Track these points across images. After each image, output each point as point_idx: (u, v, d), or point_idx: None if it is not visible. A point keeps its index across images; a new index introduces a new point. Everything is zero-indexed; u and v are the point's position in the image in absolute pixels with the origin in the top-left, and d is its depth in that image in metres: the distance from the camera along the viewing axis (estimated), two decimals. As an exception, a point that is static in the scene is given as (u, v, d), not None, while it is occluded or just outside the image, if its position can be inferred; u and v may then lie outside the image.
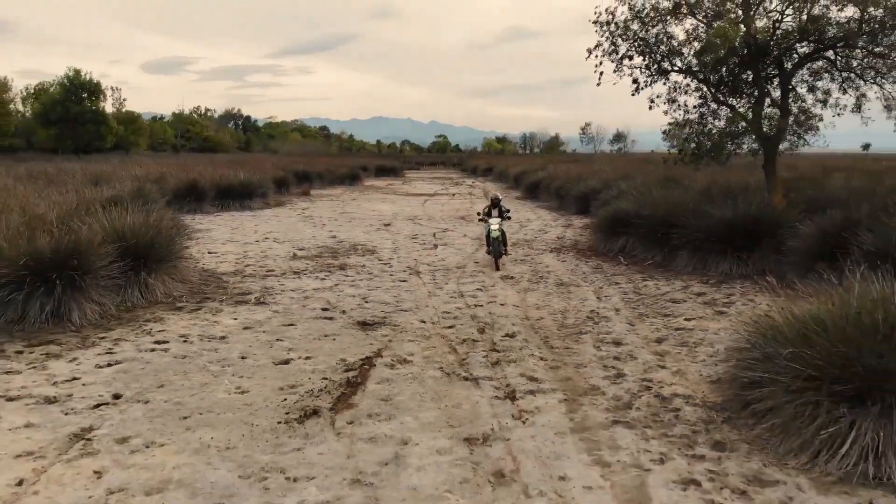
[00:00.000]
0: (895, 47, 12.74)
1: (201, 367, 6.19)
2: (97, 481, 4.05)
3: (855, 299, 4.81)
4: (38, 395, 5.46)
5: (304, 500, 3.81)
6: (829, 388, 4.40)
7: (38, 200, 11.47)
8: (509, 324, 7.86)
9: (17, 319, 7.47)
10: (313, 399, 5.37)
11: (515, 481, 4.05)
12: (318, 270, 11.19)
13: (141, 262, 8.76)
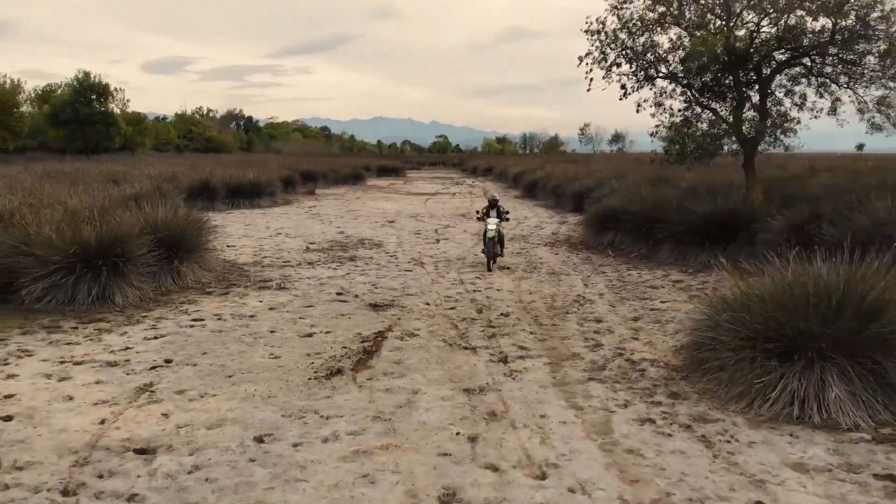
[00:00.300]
0: (865, 55, 13.71)
1: (237, 338, 7.15)
2: (165, 420, 5.01)
3: (790, 276, 5.77)
4: (100, 360, 6.41)
5: (337, 430, 4.77)
6: (763, 347, 5.37)
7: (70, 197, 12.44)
8: (504, 305, 8.82)
9: (67, 301, 8.44)
10: (336, 362, 6.33)
11: (505, 418, 5.01)
12: (330, 261, 12.15)
13: (173, 251, 9.72)
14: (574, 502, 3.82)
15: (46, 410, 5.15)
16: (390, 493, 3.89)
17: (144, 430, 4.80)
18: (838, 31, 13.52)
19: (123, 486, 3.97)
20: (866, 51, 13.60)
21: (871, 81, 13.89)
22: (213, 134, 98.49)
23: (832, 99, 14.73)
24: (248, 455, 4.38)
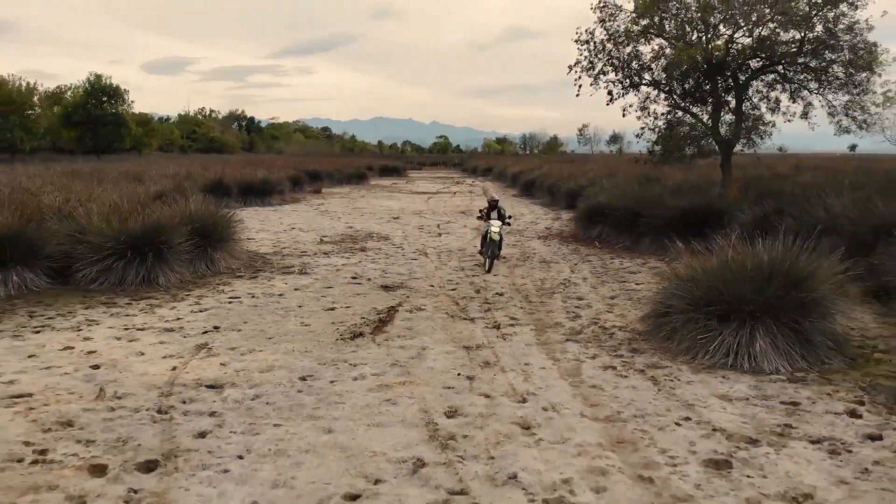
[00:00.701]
0: (832, 63, 14.97)
1: (271, 311, 8.41)
2: (225, 367, 6.26)
3: (731, 255, 7.02)
4: (158, 327, 7.66)
5: (363, 372, 6.02)
6: (706, 311, 6.63)
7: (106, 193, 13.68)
8: (499, 287, 10.07)
9: (118, 282, 9.69)
10: (357, 328, 7.59)
11: (496, 365, 6.26)
12: (343, 252, 13.41)
13: (206, 241, 10.97)
14: (546, 416, 5.06)
15: (125, 362, 6.40)
16: (407, 410, 5.14)
17: (210, 374, 6.05)
18: (807, 42, 14.80)
19: (204, 408, 5.22)
20: (833, 60, 14.86)
21: (838, 88, 15.14)
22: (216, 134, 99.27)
23: (804, 104, 16.01)
24: (296, 388, 5.63)
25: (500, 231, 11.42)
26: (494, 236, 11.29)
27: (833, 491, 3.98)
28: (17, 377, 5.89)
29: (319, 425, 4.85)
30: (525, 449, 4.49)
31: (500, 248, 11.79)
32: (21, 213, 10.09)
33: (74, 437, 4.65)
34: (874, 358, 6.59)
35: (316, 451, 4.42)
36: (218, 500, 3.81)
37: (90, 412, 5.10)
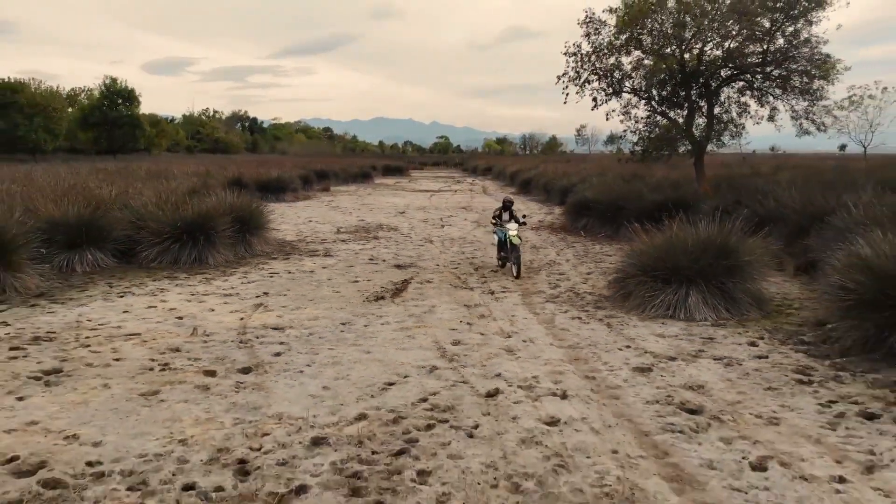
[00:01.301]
0: (794, 73, 16.84)
1: (307, 282, 10.27)
2: (280, 317, 8.11)
3: (675, 234, 8.88)
4: (218, 293, 9.52)
5: (388, 321, 7.88)
6: (652, 276, 8.48)
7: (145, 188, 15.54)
8: (495, 265, 11.93)
9: (174, 262, 11.55)
10: (379, 294, 9.46)
11: (489, 317, 8.13)
12: (358, 240, 15.27)
13: (244, 228, 12.83)
14: (524, 345, 6.93)
15: (202, 315, 8.25)
16: (423, 341, 7.01)
17: (270, 321, 7.91)
18: (770, 54, 16.68)
19: (273, 340, 7.08)
20: (793, 70, 16.73)
21: (798, 94, 17.02)
22: (220, 135, 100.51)
23: (770, 108, 17.87)
24: (339, 330, 7.50)
25: (517, 232, 10.92)
26: (515, 240, 10.75)
27: (719, 384, 5.83)
28: (121, 324, 7.75)
29: (361, 349, 6.72)
30: (508, 361, 6.36)
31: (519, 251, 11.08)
32: (90, 204, 11.98)
33: (184, 356, 6.51)
34: (786, 312, 8.45)
35: (361, 362, 6.29)
36: (300, 386, 5.66)
37: (189, 343, 6.96)
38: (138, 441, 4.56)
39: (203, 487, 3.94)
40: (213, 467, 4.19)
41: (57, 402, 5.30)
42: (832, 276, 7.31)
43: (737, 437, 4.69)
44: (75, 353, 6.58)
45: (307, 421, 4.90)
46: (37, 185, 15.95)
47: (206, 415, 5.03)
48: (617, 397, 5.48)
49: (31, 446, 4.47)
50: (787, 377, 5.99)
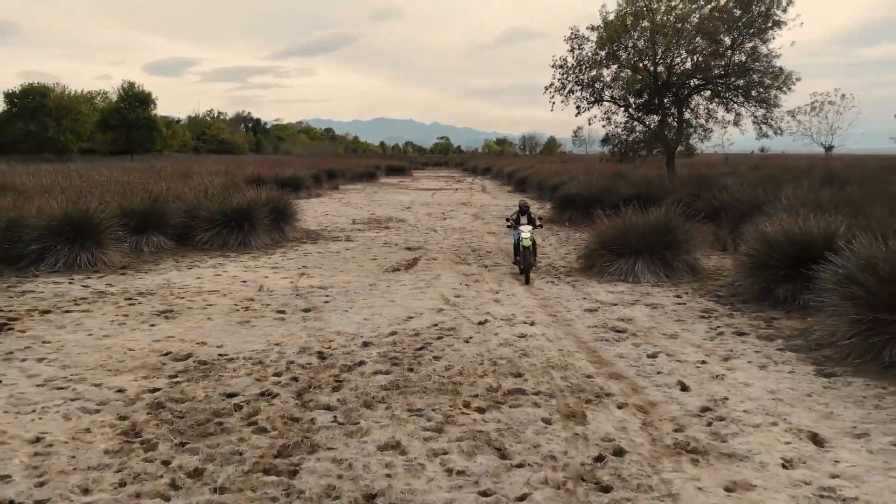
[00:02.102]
0: (753, 84, 19.20)
1: (335, 259, 12.67)
2: (321, 281, 10.49)
3: (629, 219, 11.26)
4: (266, 266, 11.90)
5: (404, 284, 10.27)
6: (609, 251, 10.87)
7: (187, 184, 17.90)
8: (489, 248, 14.32)
9: (223, 245, 13.93)
10: (395, 267, 11.85)
11: (483, 281, 10.52)
12: (372, 229, 17.67)
13: (278, 217, 15.21)
14: (508, 298, 9.31)
15: (259, 280, 10.63)
16: (432, 295, 9.40)
17: (314, 283, 10.30)
18: (731, 67, 19.05)
19: (320, 294, 9.46)
20: (752, 81, 19.11)
21: (757, 102, 19.40)
22: (226, 136, 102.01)
23: (735, 114, 20.24)
24: (367, 288, 9.89)
25: (530, 236, 10.71)
26: (526, 242, 10.60)
27: (643, 318, 8.20)
28: (200, 285, 10.13)
29: (386, 299, 9.13)
30: (494, 306, 8.75)
31: (534, 254, 11.11)
32: (150, 197, 14.38)
33: (258, 303, 8.90)
34: (714, 278, 10.82)
35: (387, 306, 8.69)
36: (347, 318, 8.05)
37: (259, 295, 9.36)
38: (246, 344, 6.95)
39: (299, 363, 6.34)
40: (302, 355, 6.58)
41: (179, 327, 7.68)
42: (742, 247, 9.72)
43: (644, 344, 7.09)
44: (176, 301, 8.97)
45: (357, 334, 7.30)
46: (93, 182, 18.32)
47: (287, 332, 7.43)
48: (569, 324, 7.88)
49: (176, 347, 6.87)
50: (693, 314, 8.39)
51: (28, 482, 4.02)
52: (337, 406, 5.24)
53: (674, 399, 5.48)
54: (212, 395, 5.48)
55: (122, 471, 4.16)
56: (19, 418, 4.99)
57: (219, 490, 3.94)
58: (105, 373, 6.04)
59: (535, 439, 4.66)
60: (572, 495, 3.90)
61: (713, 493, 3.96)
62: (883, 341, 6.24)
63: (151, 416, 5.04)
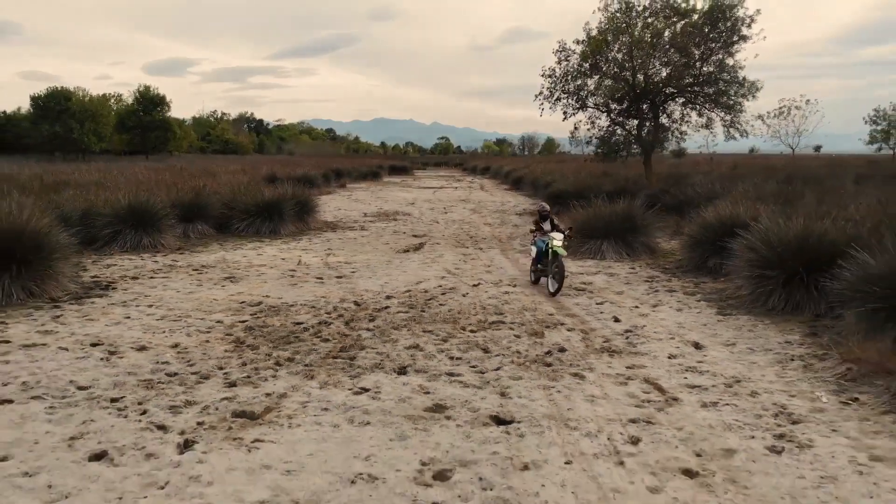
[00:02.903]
0: (721, 92, 21.54)
1: (354, 243, 15.03)
2: (346, 258, 12.85)
3: (597, 208, 13.61)
4: (298, 248, 14.25)
5: (414, 260, 12.63)
6: (582, 234, 13.23)
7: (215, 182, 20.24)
8: (484, 236, 16.68)
9: (256, 232, 16.28)
10: (405, 249, 14.21)
11: (477, 259, 12.89)
12: (382, 221, 20.04)
13: (302, 209, 17.56)
14: (496, 268, 11.67)
15: (295, 258, 12.97)
16: (436, 267, 11.77)
17: (340, 260, 12.65)
18: (701, 76, 21.41)
19: (348, 267, 11.81)
20: (720, 90, 21.47)
21: (724, 109, 21.75)
22: (231, 136, 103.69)
23: (706, 118, 22.59)
24: (384, 264, 12.25)
25: (563, 243, 9.42)
26: (560, 250, 9.28)
27: (600, 282, 10.55)
28: (250, 261, 12.46)
29: (400, 270, 11.49)
30: (486, 274, 11.12)
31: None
32: (192, 191, 16.73)
33: (300, 273, 11.25)
34: (668, 257, 13.16)
35: (402, 275, 11.05)
36: (371, 282, 10.40)
37: (298, 269, 11.71)
38: (300, 297, 9.31)
39: (342, 307, 8.69)
40: (343, 303, 8.94)
41: (244, 287, 10.03)
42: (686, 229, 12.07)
43: (596, 297, 9.45)
44: (234, 271, 11.33)
45: (381, 291, 9.67)
46: (136, 179, 20.68)
47: (328, 290, 9.80)
48: (542, 286, 10.23)
49: (247, 298, 9.21)
50: (640, 280, 10.75)
51: (181, 365, 6.35)
52: (374, 329, 7.61)
53: (608, 326, 7.84)
54: (285, 323, 7.85)
55: (241, 359, 6.51)
56: (157, 336, 7.33)
57: (307, 365, 6.29)
58: (202, 313, 8.39)
59: (508, 344, 7.01)
60: (528, 368, 6.25)
61: (618, 368, 6.31)
62: (767, 291, 8.60)
63: (247, 334, 7.40)
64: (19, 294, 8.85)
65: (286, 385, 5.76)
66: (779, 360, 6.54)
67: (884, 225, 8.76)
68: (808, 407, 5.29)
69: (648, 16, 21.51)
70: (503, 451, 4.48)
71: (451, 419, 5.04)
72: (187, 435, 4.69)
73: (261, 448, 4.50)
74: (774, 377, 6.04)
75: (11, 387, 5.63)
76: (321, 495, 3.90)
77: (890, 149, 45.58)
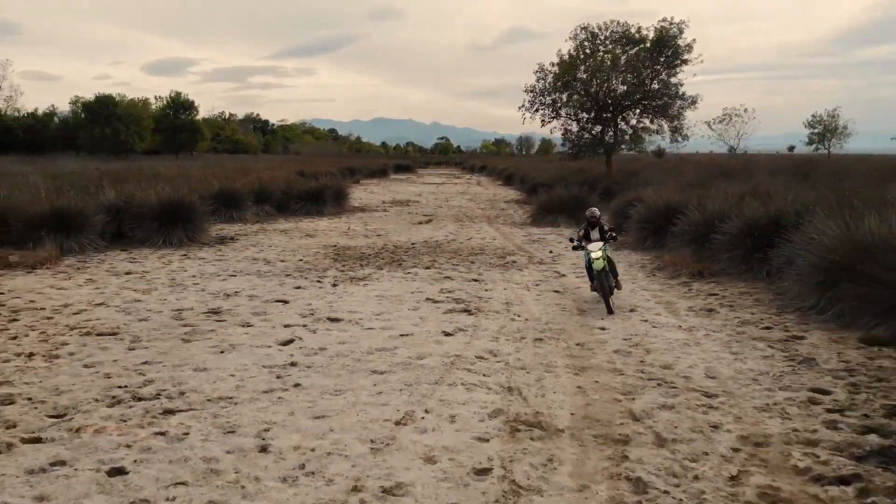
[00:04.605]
0: (666, 106, 27.08)
1: (380, 220, 20.57)
2: (376, 228, 18.37)
3: (557, 193, 19.15)
4: (341, 222, 19.77)
5: (426, 228, 18.17)
6: (545, 210, 18.77)
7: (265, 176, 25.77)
8: (476, 215, 22.22)
9: (306, 212, 21.79)
10: (418, 223, 19.74)
11: (471, 228, 18.46)
12: (397, 206, 25.59)
13: (338, 196, 23.08)
14: (485, 234, 17.21)
15: (343, 227, 18.50)
16: (442, 231, 17.35)
17: (374, 228, 18.17)
18: (649, 92, 26.95)
19: (382, 231, 17.35)
20: (665, 103, 27.01)
21: (670, 118, 27.30)
22: (240, 137, 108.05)
23: (657, 126, 28.13)
24: (405, 230, 17.80)
25: (603, 255, 8.68)
26: (598, 263, 8.59)
27: (551, 239, 16.07)
28: (315, 229, 17.98)
29: (416, 233, 17.06)
30: (476, 235, 16.68)
31: (615, 273, 8.91)
32: (258, 181, 22.27)
33: (350, 234, 16.78)
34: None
35: (419, 234, 16.61)
36: (401, 237, 15.94)
37: (349, 231, 17.26)
38: (356, 244, 14.84)
39: (386, 248, 14.23)
40: (385, 246, 14.48)
41: (320, 239, 15.53)
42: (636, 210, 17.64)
43: (544, 244, 14.99)
44: (308, 233, 16.84)
45: (407, 241, 15.24)
46: (200, 175, 26.17)
47: (373, 241, 15.36)
48: (512, 240, 15.77)
49: (325, 243, 14.73)
50: (577, 237, 16.30)
51: (311, 266, 11.85)
52: (409, 254, 13.15)
53: (544, 255, 13.39)
54: (356, 254, 13.39)
55: (341, 263, 12.02)
56: (287, 256, 12.85)
57: (377, 266, 11.83)
58: (303, 249, 13.91)
59: (485, 260, 12.55)
60: (494, 267, 11.78)
61: (542, 268, 11.82)
62: (643, 237, 14.12)
63: (338, 256, 12.92)
64: (185, 240, 14.40)
65: (370, 271, 11.32)
66: (631, 265, 12.09)
67: (734, 199, 14.26)
68: (629, 277, 10.82)
69: (609, 43, 27.04)
70: (476, 287, 10.02)
71: (452, 279, 10.59)
72: (334, 282, 10.24)
73: (368, 286, 10.04)
74: (627, 269, 11.57)
75: (229, 271, 11.17)
76: (401, 296, 9.41)
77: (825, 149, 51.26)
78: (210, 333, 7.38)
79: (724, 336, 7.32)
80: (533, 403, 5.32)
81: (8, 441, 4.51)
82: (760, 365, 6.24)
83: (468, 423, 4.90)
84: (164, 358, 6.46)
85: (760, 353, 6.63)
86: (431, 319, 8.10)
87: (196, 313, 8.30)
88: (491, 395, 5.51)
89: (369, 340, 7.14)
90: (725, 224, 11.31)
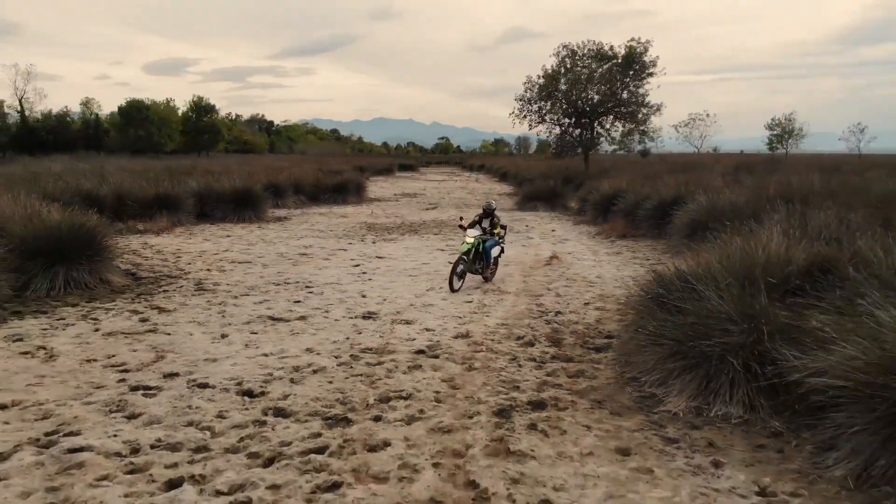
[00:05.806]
0: (634, 112, 31.86)
1: (395, 207, 25.35)
2: (393, 212, 23.13)
3: (537, 184, 23.91)
4: (364, 208, 24.55)
5: (433, 213, 22.94)
6: (528, 198, 23.56)
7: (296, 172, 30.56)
8: (474, 204, 26.97)
9: (332, 202, 26.58)
10: (426, 209, 24.52)
11: (470, 213, 23.22)
12: (407, 198, 30.36)
13: (358, 189, 27.85)
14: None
15: (368, 212, 23.27)
16: (446, 215, 22.11)
17: (392, 212, 22.94)
18: (619, 101, 31.75)
19: (399, 214, 22.13)
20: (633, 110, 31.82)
21: (637, 124, 32.11)
22: (248, 137, 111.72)
23: (628, 129, 32.91)
24: (416, 213, 22.57)
25: (475, 241, 9.49)
26: (464, 246, 9.47)
27: (531, 220, 20.83)
28: (344, 214, 22.76)
29: (425, 215, 21.85)
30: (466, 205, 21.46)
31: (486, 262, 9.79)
32: (292, 176, 27.05)
33: (374, 217, 21.56)
34: (579, 213, 23.44)
35: (429, 216, 21.39)
36: (415, 218, 20.71)
37: (370, 217, 22.04)
38: (382, 222, 19.61)
39: (402, 224, 19.01)
40: (403, 223, 19.25)
41: (352, 220, 20.31)
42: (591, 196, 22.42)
43: (523, 223, 19.76)
44: (343, 214, 21.61)
45: (418, 220, 20.03)
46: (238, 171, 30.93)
47: (393, 221, 20.16)
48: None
49: (357, 221, 19.52)
50: (552, 218, 21.06)
51: (350, 233, 16.61)
52: (422, 228, 17.93)
53: (522, 228, 18.15)
54: (383, 227, 18.16)
55: (373, 232, 16.80)
56: (329, 226, 17.62)
57: (401, 234, 16.60)
58: (343, 225, 18.68)
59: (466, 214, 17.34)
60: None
61: (515, 237, 16.60)
62: (595, 215, 18.90)
63: (369, 228, 17.69)
64: (253, 218, 19.19)
65: (396, 236, 16.10)
66: (581, 233, 16.86)
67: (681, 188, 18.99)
68: (576, 239, 15.57)
69: (587, 59, 31.81)
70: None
71: (452, 240, 15.35)
72: (373, 240, 15.04)
73: (397, 242, 14.82)
74: (577, 235, 16.31)
75: (297, 235, 15.96)
76: (419, 248, 14.17)
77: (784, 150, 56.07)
78: (307, 261, 12.18)
79: (618, 262, 12.10)
80: (498, 285, 10.11)
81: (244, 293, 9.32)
82: (630, 272, 11.01)
83: (461, 291, 9.70)
84: (287, 270, 11.24)
85: (633, 268, 11.40)
86: (440, 258, 12.87)
87: (292, 255, 13.07)
88: (475, 283, 10.29)
89: (403, 264, 11.96)
90: (646, 202, 16.08)
